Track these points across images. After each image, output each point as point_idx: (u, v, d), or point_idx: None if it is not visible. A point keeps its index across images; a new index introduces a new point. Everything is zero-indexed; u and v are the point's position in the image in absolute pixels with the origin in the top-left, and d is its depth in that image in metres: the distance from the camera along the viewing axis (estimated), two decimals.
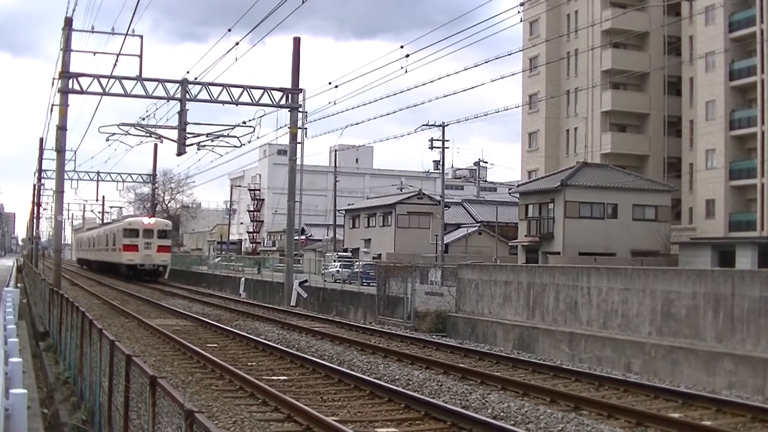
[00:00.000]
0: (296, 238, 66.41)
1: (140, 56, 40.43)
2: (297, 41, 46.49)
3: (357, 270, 56.95)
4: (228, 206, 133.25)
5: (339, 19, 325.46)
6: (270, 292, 57.07)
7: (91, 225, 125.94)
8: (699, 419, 16.07)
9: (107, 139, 47.85)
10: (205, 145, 45.85)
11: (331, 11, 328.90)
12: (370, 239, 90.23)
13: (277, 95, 44.52)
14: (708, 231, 66.71)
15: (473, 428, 14.23)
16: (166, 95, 41.93)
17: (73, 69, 40.93)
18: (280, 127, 47.25)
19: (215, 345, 26.95)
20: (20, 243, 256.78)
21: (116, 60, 39.74)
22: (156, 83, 41.58)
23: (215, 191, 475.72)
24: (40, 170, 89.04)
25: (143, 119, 47.38)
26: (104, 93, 40.90)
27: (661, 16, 74.33)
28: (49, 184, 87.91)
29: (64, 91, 40.77)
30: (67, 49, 40.52)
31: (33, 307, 39.82)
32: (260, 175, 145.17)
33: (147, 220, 76.06)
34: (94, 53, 52.33)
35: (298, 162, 49.82)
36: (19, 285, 49.97)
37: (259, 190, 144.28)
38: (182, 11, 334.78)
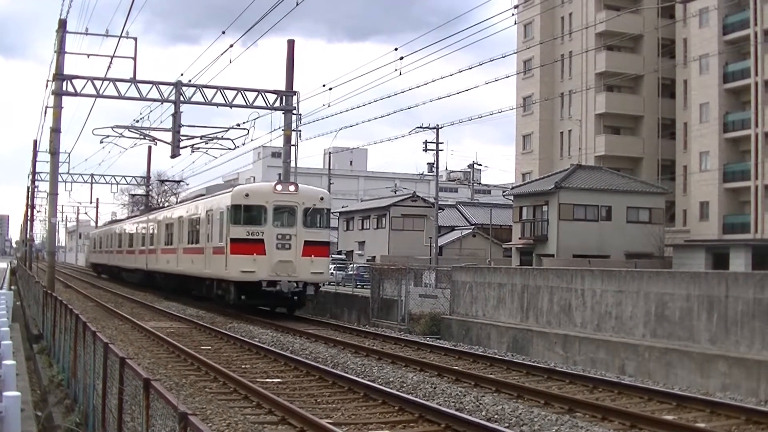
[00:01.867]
0: None
1: (134, 58, 40.37)
2: (291, 44, 46.46)
3: (351, 272, 56.95)
4: None
5: (331, 22, 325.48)
6: None
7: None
8: (693, 421, 16.09)
9: (101, 142, 47.80)
10: (199, 148, 45.79)
11: (323, 14, 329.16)
12: (364, 241, 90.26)
13: (271, 97, 44.47)
14: (702, 233, 66.83)
15: (467, 430, 14.23)
16: (160, 97, 41.89)
17: (66, 71, 40.87)
18: (274, 130, 47.20)
19: (209, 347, 26.93)
20: (14, 245, 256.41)
21: (110, 62, 39.67)
22: (150, 85, 41.53)
23: None
24: (33, 172, 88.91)
25: (137, 121, 47.37)
26: (98, 95, 40.82)
27: (655, 18, 74.50)
28: (43, 186, 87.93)
29: (58, 93, 40.68)
30: (61, 51, 40.43)
31: (27, 309, 39.74)
32: (254, 178, 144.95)
33: (281, 186, 38.74)
34: (88, 55, 52.00)
35: (292, 164, 49.80)
36: (12, 287, 49.89)
37: None
38: (174, 13, 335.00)
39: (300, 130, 48.39)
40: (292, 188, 38.57)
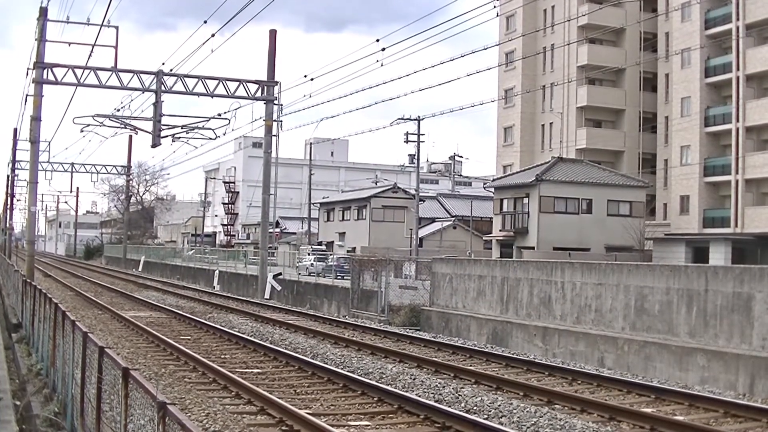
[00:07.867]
0: (271, 230, 66.35)
1: (116, 47, 40.16)
2: (273, 34, 46.36)
3: (331, 263, 56.91)
4: (202, 199, 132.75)
5: (308, 13, 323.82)
6: (244, 284, 56.94)
7: None
8: (672, 414, 16.15)
9: (82, 131, 47.56)
10: (180, 137, 45.63)
11: (301, 4, 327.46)
12: (344, 233, 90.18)
13: (253, 87, 44.36)
14: (682, 227, 67.02)
15: (446, 422, 14.25)
16: (141, 87, 41.71)
17: (47, 59, 40.64)
18: (256, 120, 47.15)
19: (189, 337, 26.89)
20: None
21: (91, 51, 39.47)
22: (131, 74, 41.34)
23: (190, 183, 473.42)
24: (13, 161, 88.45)
25: (118, 110, 47.15)
26: (79, 84, 40.63)
27: (637, 12, 74.59)
28: (23, 175, 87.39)
29: (39, 82, 40.46)
30: (41, 39, 40.21)
31: (6, 298, 39.56)
32: (235, 168, 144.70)
33: None
34: (69, 44, 51.38)
35: (273, 155, 49.74)
36: None
37: (233, 182, 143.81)
38: (150, 1, 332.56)
39: (281, 121, 48.25)
40: None
